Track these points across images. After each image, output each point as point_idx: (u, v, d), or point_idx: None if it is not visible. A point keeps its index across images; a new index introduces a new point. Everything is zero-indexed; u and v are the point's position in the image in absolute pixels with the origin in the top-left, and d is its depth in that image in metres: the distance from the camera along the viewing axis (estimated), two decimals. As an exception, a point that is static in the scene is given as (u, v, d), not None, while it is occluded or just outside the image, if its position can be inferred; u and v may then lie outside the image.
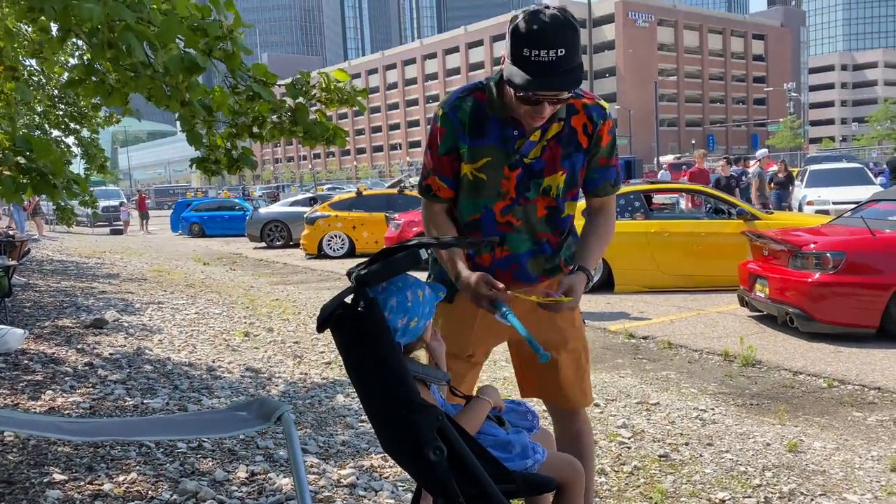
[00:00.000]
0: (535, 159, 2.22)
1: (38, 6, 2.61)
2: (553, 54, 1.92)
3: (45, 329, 6.60)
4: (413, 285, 1.85)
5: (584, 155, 2.26)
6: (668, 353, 6.11)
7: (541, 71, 1.94)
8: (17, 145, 2.91)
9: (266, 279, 11.68)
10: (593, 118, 2.23)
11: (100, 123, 8.67)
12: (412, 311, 1.81)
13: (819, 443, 3.91)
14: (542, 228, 2.32)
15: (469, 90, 2.23)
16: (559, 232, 2.36)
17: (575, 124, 2.22)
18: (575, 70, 1.98)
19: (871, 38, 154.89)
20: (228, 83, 3.57)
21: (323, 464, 3.48)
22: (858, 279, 6.16)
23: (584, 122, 2.22)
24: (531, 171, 2.23)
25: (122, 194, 34.59)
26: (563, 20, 1.96)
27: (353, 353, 1.79)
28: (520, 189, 2.25)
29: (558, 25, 1.94)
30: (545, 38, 1.92)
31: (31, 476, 3.16)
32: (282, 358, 5.81)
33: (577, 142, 2.23)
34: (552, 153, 2.22)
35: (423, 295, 1.85)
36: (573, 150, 2.24)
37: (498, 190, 2.24)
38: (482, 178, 2.24)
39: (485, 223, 2.30)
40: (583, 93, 2.24)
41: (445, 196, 2.31)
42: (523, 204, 2.26)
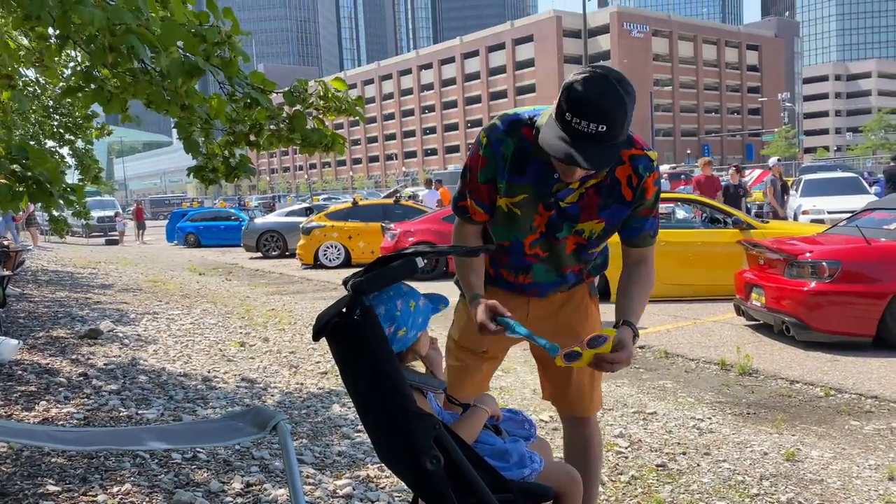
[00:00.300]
0: (571, 204, 2.16)
1: (35, 14, 2.61)
2: (594, 128, 1.82)
3: (39, 339, 6.57)
4: (405, 295, 1.84)
5: (627, 207, 2.17)
6: (665, 362, 6.11)
7: (577, 139, 1.85)
8: (14, 153, 2.91)
9: (262, 289, 11.65)
10: (639, 171, 2.12)
11: (93, 134, 8.65)
12: (400, 320, 1.80)
13: (816, 452, 3.90)
14: (568, 262, 2.31)
15: (516, 124, 2.13)
16: (585, 262, 2.35)
17: (619, 175, 2.12)
18: (611, 148, 1.88)
19: (864, 49, 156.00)
20: (226, 91, 3.57)
21: (319, 474, 3.46)
22: (854, 288, 6.17)
23: (629, 174, 2.12)
24: (566, 214, 2.18)
25: (117, 204, 34.52)
26: (616, 96, 1.82)
27: (349, 362, 1.78)
28: (551, 228, 2.21)
29: (609, 101, 1.82)
30: (591, 111, 1.82)
31: (25, 487, 3.13)
32: (278, 368, 5.79)
33: (620, 194, 2.14)
34: (590, 201, 2.16)
35: (416, 305, 1.84)
36: (614, 201, 2.16)
37: (530, 225, 2.22)
38: (516, 213, 2.20)
39: (513, 251, 2.30)
40: (633, 141, 2.11)
41: (480, 219, 2.29)
42: (552, 241, 2.24)
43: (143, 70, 3.17)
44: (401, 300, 1.82)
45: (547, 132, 1.93)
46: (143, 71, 3.16)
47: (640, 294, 2.24)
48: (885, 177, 16.02)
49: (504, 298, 2.34)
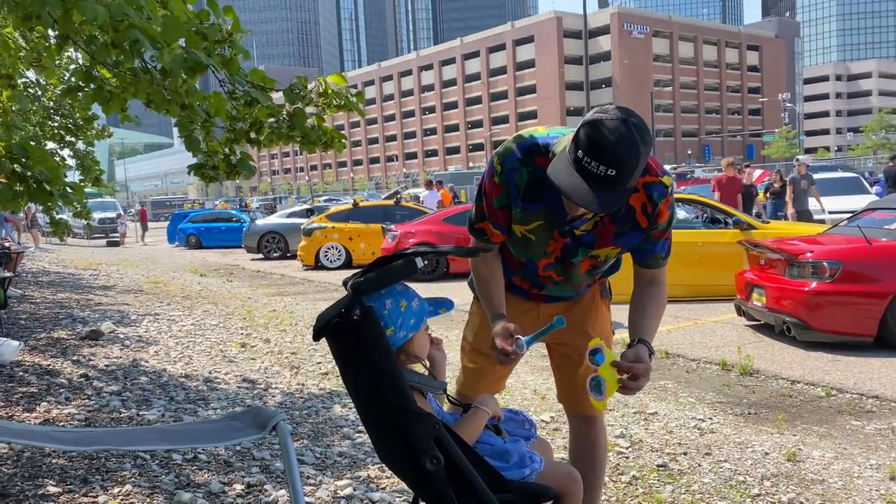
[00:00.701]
0: (586, 232, 2.17)
1: (35, 13, 2.62)
2: (604, 170, 1.82)
3: (40, 341, 6.57)
4: (398, 294, 1.84)
5: (642, 233, 2.18)
6: (666, 362, 6.10)
7: (585, 178, 1.85)
8: (14, 153, 2.91)
9: (263, 290, 11.65)
10: (653, 198, 2.11)
11: (93, 135, 8.66)
12: (387, 318, 1.80)
13: (818, 452, 3.89)
14: (581, 281, 2.35)
15: (531, 152, 2.11)
16: (599, 276, 2.40)
17: (634, 203, 2.11)
18: (619, 192, 1.88)
19: (865, 49, 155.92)
20: (226, 89, 3.58)
21: (319, 475, 3.46)
22: (855, 288, 6.16)
23: (644, 201, 2.11)
24: (581, 241, 2.19)
25: (118, 206, 34.55)
26: (629, 143, 1.82)
27: (350, 362, 1.78)
28: (566, 254, 2.22)
29: (622, 146, 1.81)
30: (603, 153, 1.82)
31: (26, 488, 3.13)
32: (279, 369, 5.79)
33: (636, 221, 2.14)
34: (605, 229, 2.16)
35: (407, 306, 1.83)
36: (630, 228, 2.16)
37: (545, 249, 2.23)
38: (531, 238, 2.21)
39: (528, 270, 2.33)
40: (648, 168, 2.08)
41: (498, 240, 2.29)
42: (567, 266, 2.25)
43: (144, 68, 3.17)
44: (391, 299, 1.81)
45: (556, 165, 1.93)
46: (143, 69, 3.16)
47: (653, 314, 2.23)
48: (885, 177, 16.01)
49: (515, 303, 2.38)
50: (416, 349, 1.87)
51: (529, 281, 2.37)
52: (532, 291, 2.41)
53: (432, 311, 1.91)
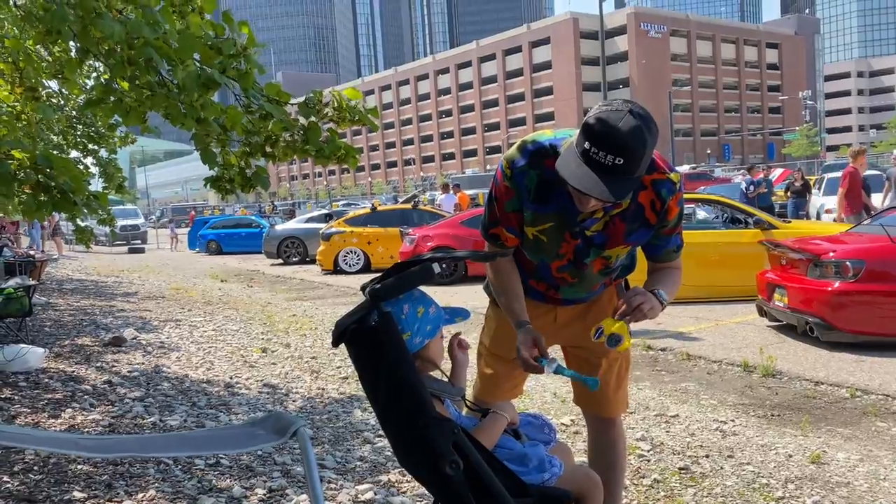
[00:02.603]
0: (597, 233, 2.18)
1: (56, 28, 2.67)
2: (611, 159, 1.84)
3: (64, 347, 6.67)
4: (416, 300, 1.85)
5: (651, 230, 2.20)
6: (687, 364, 6.06)
7: (594, 169, 1.87)
8: (38, 163, 2.96)
9: (283, 295, 11.73)
10: (661, 195, 2.12)
11: (116, 143, 8.79)
12: (405, 323, 1.80)
13: (843, 454, 3.84)
14: (595, 281, 2.36)
15: (539, 155, 2.12)
16: (613, 273, 2.39)
17: (642, 201, 2.13)
18: (628, 181, 1.90)
19: (887, 45, 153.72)
20: (241, 102, 3.61)
21: (340, 479, 3.48)
22: (879, 287, 6.08)
23: (652, 198, 2.13)
24: (592, 242, 2.20)
25: (140, 213, 34.94)
26: (635, 131, 1.85)
27: (368, 368, 1.79)
28: (578, 255, 2.23)
29: (629, 136, 1.84)
30: (609, 142, 1.84)
31: (52, 494, 3.18)
32: (299, 373, 5.82)
33: (644, 218, 2.16)
34: (615, 229, 2.18)
35: (425, 312, 1.84)
36: (639, 226, 2.18)
37: (557, 251, 2.24)
38: (542, 240, 2.23)
39: (541, 271, 2.33)
40: (655, 165, 2.10)
41: (512, 245, 2.30)
42: (580, 267, 2.26)
43: (160, 83, 3.21)
44: (408, 304, 1.82)
45: (564, 159, 1.95)
46: (159, 84, 3.21)
47: (665, 279, 2.25)
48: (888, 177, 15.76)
49: (532, 306, 2.37)
50: (431, 355, 1.87)
51: (545, 283, 2.37)
52: (548, 294, 2.41)
53: (448, 319, 1.91)
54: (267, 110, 3.45)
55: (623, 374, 2.53)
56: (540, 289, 2.40)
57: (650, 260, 2.31)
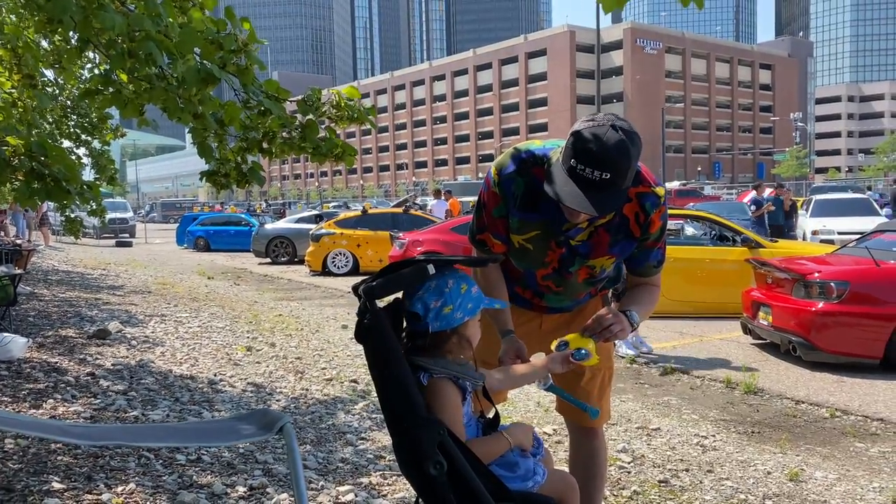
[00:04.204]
0: (581, 242, 2.21)
1: (57, 17, 2.67)
2: (598, 175, 1.89)
3: (48, 338, 6.62)
4: (460, 277, 1.87)
5: (634, 242, 2.23)
6: (670, 378, 6.10)
7: (581, 185, 1.91)
8: (33, 150, 2.96)
9: (270, 294, 11.70)
10: (645, 208, 2.16)
11: (107, 135, 8.76)
12: (447, 296, 1.82)
13: (820, 473, 3.88)
14: (580, 290, 2.38)
15: (529, 163, 2.16)
16: (598, 284, 2.42)
17: (627, 213, 2.17)
18: (615, 195, 1.95)
19: (878, 71, 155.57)
20: (240, 98, 3.62)
21: (322, 479, 3.48)
22: (862, 309, 6.15)
23: (637, 210, 2.16)
24: (576, 251, 2.23)
25: (129, 206, 34.74)
26: (620, 147, 1.89)
27: (369, 364, 1.83)
28: (563, 264, 2.26)
29: (614, 151, 1.88)
30: (595, 159, 1.88)
31: (31, 484, 3.16)
32: (283, 373, 5.81)
33: (629, 230, 2.19)
34: (599, 239, 2.21)
35: (468, 290, 1.86)
36: (623, 237, 2.21)
37: (542, 259, 2.27)
38: (528, 248, 2.26)
39: (527, 279, 2.36)
40: (640, 178, 2.14)
41: (499, 251, 2.33)
42: (565, 276, 2.29)
43: (160, 76, 3.22)
44: (453, 280, 1.84)
45: (552, 176, 2.00)
46: (159, 77, 3.21)
47: (646, 300, 2.30)
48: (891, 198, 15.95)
49: (517, 313, 2.39)
50: (469, 333, 1.88)
51: (531, 290, 2.40)
52: (534, 301, 2.43)
53: (489, 302, 1.93)
54: (266, 106, 3.46)
55: (606, 384, 2.54)
56: (526, 296, 2.43)
57: (630, 273, 2.35)
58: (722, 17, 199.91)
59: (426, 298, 1.81)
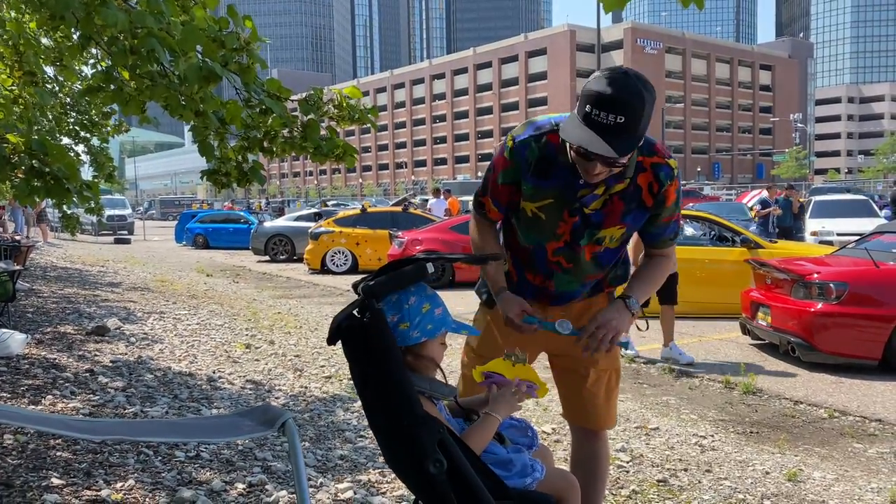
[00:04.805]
0: (595, 211, 2.21)
1: (59, 14, 2.67)
2: (613, 119, 1.91)
3: (46, 335, 6.62)
4: (424, 296, 1.85)
5: (647, 213, 2.25)
6: (669, 378, 6.10)
7: (597, 131, 1.93)
8: (33, 148, 2.95)
9: (269, 292, 11.70)
10: (660, 178, 2.19)
11: (109, 132, 8.75)
12: (406, 313, 1.81)
13: (819, 473, 3.89)
14: (590, 271, 2.35)
15: (544, 131, 2.19)
16: (606, 267, 2.40)
17: (641, 182, 2.19)
18: (630, 138, 1.96)
19: (878, 72, 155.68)
20: (242, 96, 3.62)
21: (321, 477, 3.48)
22: (861, 310, 6.15)
23: (650, 181, 2.19)
24: (589, 221, 2.23)
25: (127, 203, 34.72)
26: (634, 90, 1.92)
27: (359, 364, 1.81)
28: (575, 235, 2.26)
29: (627, 93, 1.92)
30: (610, 102, 1.91)
31: (30, 479, 3.16)
32: (282, 371, 5.81)
33: (641, 199, 2.21)
34: (613, 208, 2.21)
35: (430, 310, 1.83)
36: (635, 206, 2.22)
37: (554, 231, 2.26)
38: (541, 217, 2.25)
39: (536, 256, 2.34)
40: (655, 149, 2.19)
41: (494, 218, 2.39)
42: (575, 249, 2.29)
43: (161, 73, 3.22)
44: (415, 297, 1.83)
45: (568, 125, 2.02)
46: (161, 74, 3.21)
47: (647, 275, 2.35)
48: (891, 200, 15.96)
49: None
50: (424, 354, 1.86)
51: (540, 273, 2.35)
52: (543, 286, 2.37)
53: (455, 327, 1.90)
54: (267, 105, 3.46)
55: (613, 387, 2.49)
56: (536, 282, 2.38)
57: (646, 246, 2.39)
58: (722, 18, 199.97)
59: (384, 310, 1.77)
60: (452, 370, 5.58)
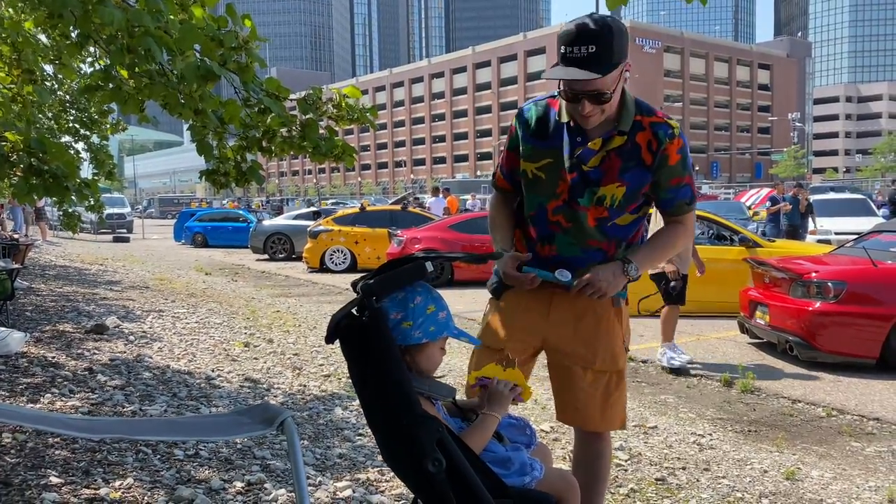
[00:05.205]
0: (593, 168, 2.28)
1: (58, 12, 2.66)
2: (585, 50, 2.07)
3: (45, 333, 6.62)
4: (431, 297, 1.84)
5: (648, 173, 2.28)
6: (667, 377, 6.11)
7: (574, 65, 2.09)
8: (32, 146, 2.95)
9: (267, 291, 11.69)
10: (658, 135, 2.25)
11: (107, 130, 8.74)
12: (410, 312, 1.80)
13: (817, 472, 3.90)
14: (593, 236, 2.36)
15: (546, 97, 2.39)
16: (614, 240, 2.37)
17: (639, 140, 2.26)
18: (607, 63, 2.09)
19: (876, 71, 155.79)
20: (241, 96, 3.61)
21: (319, 476, 3.48)
22: (859, 309, 6.16)
23: (649, 138, 2.25)
24: (587, 178, 2.29)
25: (126, 202, 34.69)
26: (601, 23, 2.09)
27: (357, 363, 1.81)
28: (573, 193, 2.31)
29: (594, 25, 2.08)
30: (578, 36, 2.08)
31: (28, 478, 3.16)
32: (281, 369, 5.81)
33: (640, 158, 2.26)
34: (611, 164, 2.27)
35: (434, 312, 1.83)
36: (634, 164, 2.27)
37: (553, 190, 2.34)
38: (541, 177, 2.35)
39: (538, 219, 2.40)
40: (655, 111, 2.30)
41: (502, 185, 2.53)
42: (575, 208, 2.32)
43: (160, 72, 3.21)
44: (421, 297, 1.82)
45: (550, 71, 2.16)
46: (159, 73, 3.21)
47: (657, 242, 2.40)
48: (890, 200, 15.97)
49: (526, 298, 2.40)
50: (424, 356, 1.85)
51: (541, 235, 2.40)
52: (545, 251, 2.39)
53: (456, 333, 1.89)
54: (266, 105, 3.46)
55: (613, 389, 2.41)
56: (543, 253, 2.40)
57: (663, 214, 2.42)
58: (721, 17, 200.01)
59: (388, 307, 1.78)
60: (451, 370, 5.59)
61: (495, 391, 1.99)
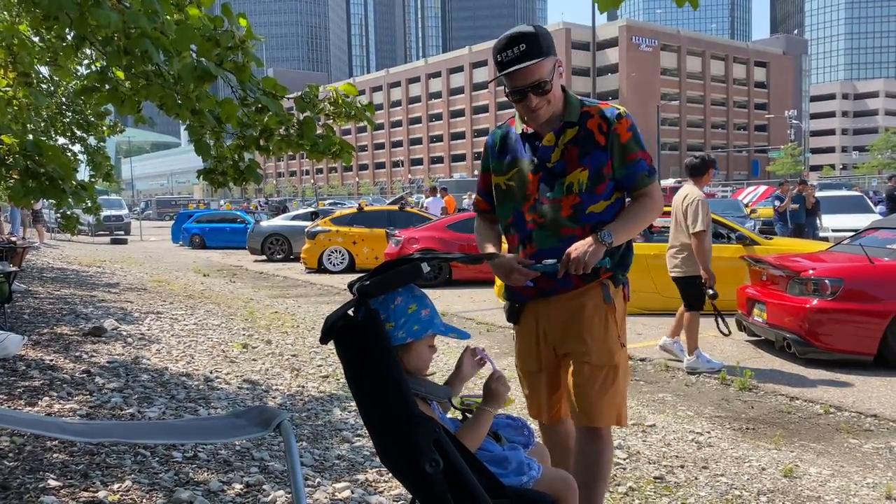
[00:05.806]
0: (556, 162, 2.47)
1: (53, 14, 2.66)
2: (517, 50, 2.32)
3: (43, 336, 6.61)
4: (411, 297, 1.85)
5: (604, 153, 2.44)
6: (665, 375, 6.12)
7: (512, 64, 2.34)
8: (28, 149, 2.95)
9: (266, 292, 11.68)
10: (607, 117, 2.45)
11: (104, 132, 8.72)
12: (391, 313, 1.81)
13: (815, 469, 3.91)
14: (566, 224, 2.46)
15: (508, 120, 2.66)
16: (588, 225, 2.45)
17: (591, 126, 2.46)
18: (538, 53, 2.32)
19: (872, 68, 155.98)
20: (238, 95, 3.61)
21: (318, 476, 3.48)
22: (856, 306, 6.17)
23: (599, 122, 2.45)
24: (553, 172, 2.47)
25: (124, 204, 34.61)
26: (525, 28, 2.36)
27: (354, 364, 1.81)
28: (542, 189, 2.48)
29: (520, 31, 2.34)
30: (509, 41, 2.34)
31: (27, 481, 3.16)
32: (279, 370, 5.81)
33: (595, 141, 2.45)
34: (570, 154, 2.46)
35: (416, 311, 1.83)
36: (591, 148, 2.45)
37: (524, 193, 2.52)
38: (512, 185, 2.56)
39: (517, 224, 2.56)
40: (600, 103, 2.53)
41: (483, 208, 2.75)
42: (545, 202, 2.47)
43: (157, 73, 3.21)
44: (402, 297, 1.83)
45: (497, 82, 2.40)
46: (156, 73, 3.20)
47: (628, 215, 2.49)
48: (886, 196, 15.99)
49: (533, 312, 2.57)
50: (411, 356, 1.85)
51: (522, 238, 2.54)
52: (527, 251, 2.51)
53: (443, 329, 1.89)
54: (263, 104, 3.46)
55: (609, 384, 2.44)
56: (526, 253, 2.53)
57: (628, 192, 2.53)
58: (717, 15, 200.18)
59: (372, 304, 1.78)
60: (450, 370, 5.59)
61: (493, 389, 1.98)
